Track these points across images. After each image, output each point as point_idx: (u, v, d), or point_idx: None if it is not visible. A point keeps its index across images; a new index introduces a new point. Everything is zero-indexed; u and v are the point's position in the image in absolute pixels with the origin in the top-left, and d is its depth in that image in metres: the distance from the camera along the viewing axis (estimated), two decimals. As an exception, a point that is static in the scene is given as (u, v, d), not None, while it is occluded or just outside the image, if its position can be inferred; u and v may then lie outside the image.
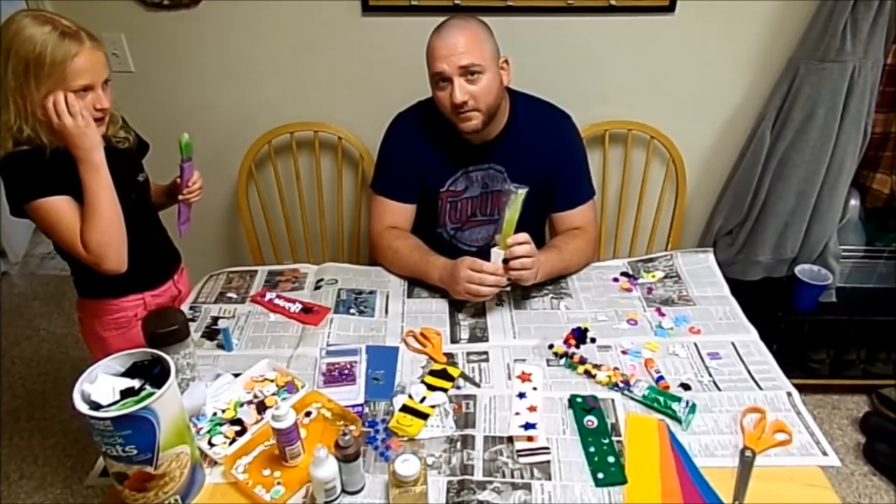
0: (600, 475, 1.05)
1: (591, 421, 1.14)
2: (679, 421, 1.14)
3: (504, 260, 1.35)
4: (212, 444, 1.10)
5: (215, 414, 1.16)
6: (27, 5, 1.90)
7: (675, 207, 2.03)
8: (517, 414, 1.16)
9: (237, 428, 1.13)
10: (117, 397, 0.93)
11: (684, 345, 1.33)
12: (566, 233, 1.62)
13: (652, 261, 1.61)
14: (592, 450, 1.09)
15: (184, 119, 2.00)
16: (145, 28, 1.90)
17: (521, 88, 1.62)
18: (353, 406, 1.19)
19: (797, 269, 2.01)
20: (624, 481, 1.04)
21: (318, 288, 1.53)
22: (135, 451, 0.90)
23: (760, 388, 1.22)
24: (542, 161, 1.58)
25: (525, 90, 1.62)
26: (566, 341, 1.34)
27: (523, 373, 1.26)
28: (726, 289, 1.50)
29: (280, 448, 1.05)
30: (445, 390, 1.22)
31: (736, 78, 1.95)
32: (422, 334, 1.37)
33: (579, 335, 1.35)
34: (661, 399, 1.17)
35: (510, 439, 1.12)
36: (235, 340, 1.37)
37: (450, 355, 1.32)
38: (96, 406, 0.91)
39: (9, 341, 2.57)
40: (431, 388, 1.22)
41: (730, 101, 1.99)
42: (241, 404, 1.18)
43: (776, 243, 2.01)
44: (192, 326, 1.37)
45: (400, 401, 1.20)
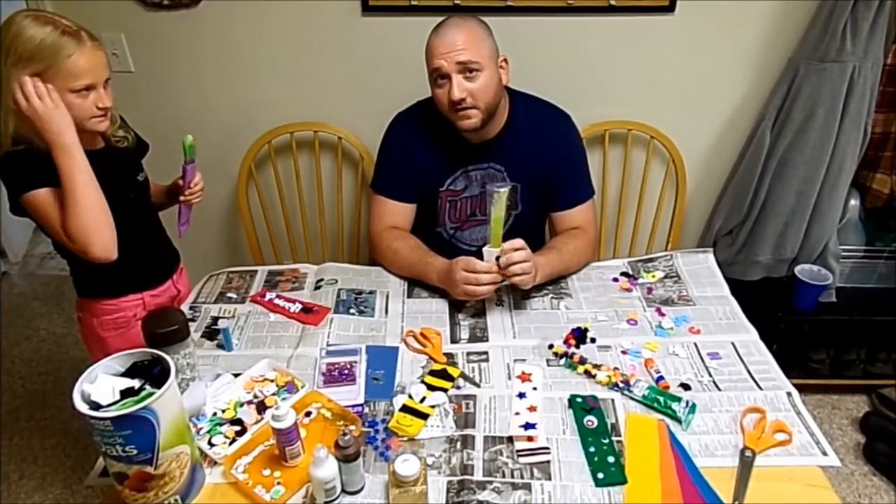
0: (600, 475, 1.05)
1: (591, 421, 1.14)
2: (679, 421, 1.14)
3: (497, 257, 1.36)
4: (212, 444, 1.10)
5: (215, 414, 1.16)
6: (27, 5, 1.90)
7: (675, 207, 2.03)
8: (517, 414, 1.16)
9: (237, 428, 1.13)
10: (117, 397, 0.93)
11: (684, 345, 1.33)
12: (566, 233, 1.62)
13: (652, 261, 1.61)
14: (592, 450, 1.09)
15: (184, 119, 2.00)
16: (145, 28, 1.90)
17: (520, 88, 1.62)
18: (353, 406, 1.19)
19: (797, 269, 2.01)
20: (624, 481, 1.04)
21: (318, 288, 1.53)
22: (135, 451, 0.90)
23: (760, 388, 1.22)
24: (542, 161, 1.58)
25: (525, 90, 1.62)
26: (566, 341, 1.34)
27: (523, 373, 1.26)
28: (726, 289, 1.50)
29: (280, 448, 1.05)
30: (445, 390, 1.22)
31: (736, 78, 1.94)
32: (422, 334, 1.37)
33: (579, 335, 1.35)
34: (661, 399, 1.17)
35: (510, 439, 1.12)
36: (235, 340, 1.37)
37: (450, 355, 1.32)
38: (96, 406, 0.91)
39: (9, 341, 2.56)
40: (431, 388, 1.22)
41: (730, 101, 1.99)
42: (241, 404, 1.18)
43: (776, 243, 2.01)
44: (192, 326, 1.37)
45: (400, 401, 1.20)
